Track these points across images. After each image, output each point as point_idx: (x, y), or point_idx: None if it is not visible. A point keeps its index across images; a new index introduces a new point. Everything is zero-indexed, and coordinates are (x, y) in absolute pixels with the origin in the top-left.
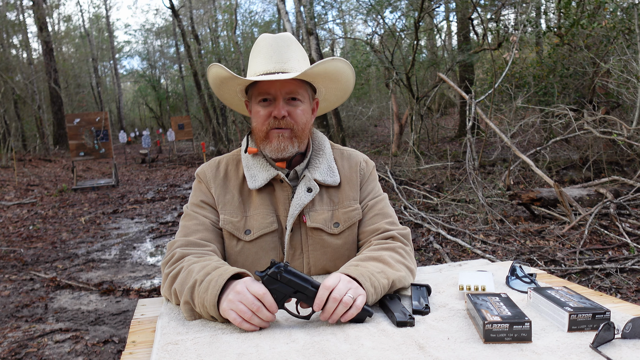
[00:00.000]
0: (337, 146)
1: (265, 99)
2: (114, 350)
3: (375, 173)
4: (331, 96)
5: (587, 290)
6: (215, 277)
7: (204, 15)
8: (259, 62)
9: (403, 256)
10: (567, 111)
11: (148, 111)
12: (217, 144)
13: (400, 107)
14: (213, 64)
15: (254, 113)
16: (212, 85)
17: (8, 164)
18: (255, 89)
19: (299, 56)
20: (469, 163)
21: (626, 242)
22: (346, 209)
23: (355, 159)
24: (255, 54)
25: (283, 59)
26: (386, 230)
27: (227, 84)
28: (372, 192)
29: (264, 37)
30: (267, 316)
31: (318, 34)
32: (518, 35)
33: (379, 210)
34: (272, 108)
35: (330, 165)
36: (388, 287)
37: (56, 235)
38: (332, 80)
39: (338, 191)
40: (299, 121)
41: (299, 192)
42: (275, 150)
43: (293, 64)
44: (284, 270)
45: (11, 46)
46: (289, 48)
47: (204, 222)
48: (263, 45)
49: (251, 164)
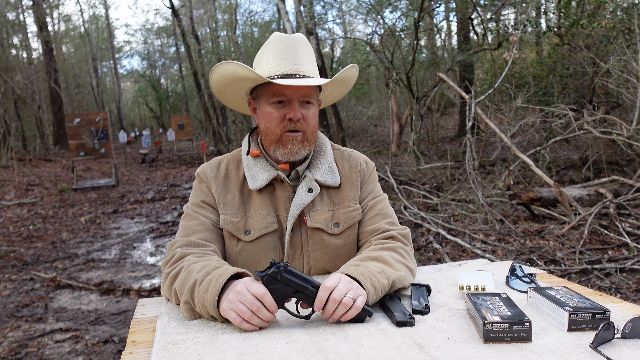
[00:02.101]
0: (338, 147)
1: (280, 100)
2: (114, 350)
3: (375, 174)
4: (330, 97)
5: (587, 290)
6: (215, 277)
7: (204, 15)
8: (274, 61)
9: (403, 256)
10: (567, 111)
11: (148, 111)
12: (217, 143)
13: (400, 107)
14: (229, 61)
15: (265, 114)
16: (221, 83)
17: (8, 164)
18: (269, 89)
19: (312, 58)
20: (469, 163)
21: (626, 242)
22: (346, 209)
23: (356, 159)
24: (270, 52)
25: (299, 61)
26: (386, 230)
27: (239, 82)
28: (372, 192)
29: (279, 37)
30: (267, 316)
31: (318, 33)
32: (518, 35)
33: (379, 210)
34: (287, 110)
35: (331, 166)
36: (388, 287)
37: (56, 235)
38: (343, 85)
39: (338, 191)
40: (311, 124)
41: (299, 192)
42: (289, 154)
43: (308, 67)
44: (284, 270)
45: (11, 46)
46: (304, 50)
47: (205, 222)
48: (279, 44)
49: (252, 164)
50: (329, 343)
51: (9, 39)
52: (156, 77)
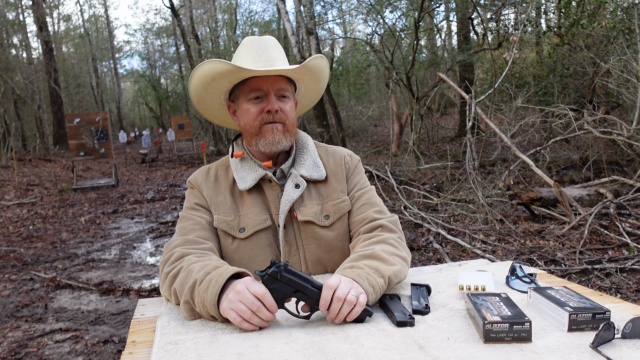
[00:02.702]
0: (321, 144)
1: (257, 96)
2: (114, 350)
3: (361, 166)
4: (306, 98)
5: (587, 290)
6: (215, 276)
7: (204, 15)
8: (248, 60)
9: (395, 246)
10: (567, 111)
11: (148, 111)
12: (217, 143)
13: (400, 107)
14: (206, 60)
15: (243, 111)
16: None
17: (8, 164)
18: (246, 86)
19: (283, 57)
20: (469, 163)
21: (626, 242)
22: (335, 201)
23: (340, 153)
24: (243, 53)
25: (271, 58)
26: (374, 220)
27: (217, 82)
28: (358, 183)
29: (250, 39)
30: (267, 316)
31: (318, 33)
32: (518, 35)
33: (366, 200)
34: (264, 104)
35: (315, 160)
36: (385, 285)
37: (56, 235)
38: (316, 80)
39: (325, 185)
40: (290, 116)
41: (287, 189)
42: (270, 143)
43: (280, 64)
44: (284, 269)
45: (11, 46)
46: (275, 49)
47: (200, 221)
48: (251, 46)
49: (239, 166)
50: (329, 343)
51: (9, 39)
52: (156, 77)
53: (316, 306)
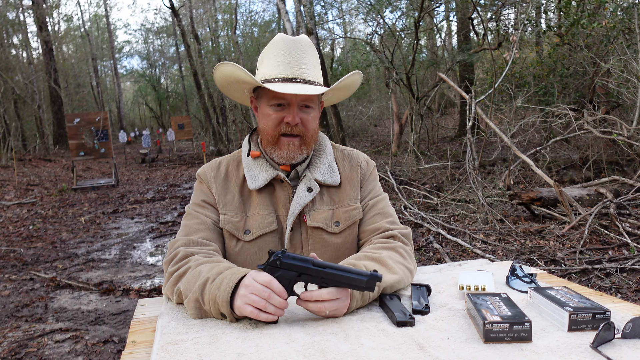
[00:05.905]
0: (338, 146)
1: (279, 103)
2: (114, 350)
3: (376, 173)
4: (332, 99)
5: (587, 290)
6: (228, 275)
7: (204, 15)
8: (275, 64)
9: (403, 256)
10: (567, 111)
11: (148, 111)
12: (217, 143)
13: (400, 106)
14: (229, 62)
15: (263, 115)
16: (223, 81)
17: (8, 164)
18: (269, 91)
19: (315, 62)
20: (469, 163)
21: (626, 242)
22: (346, 208)
23: (356, 158)
24: (272, 54)
25: (301, 65)
26: (387, 230)
27: (239, 83)
28: (372, 191)
29: (283, 38)
30: (279, 302)
31: (318, 33)
32: (518, 34)
33: (379, 209)
34: (285, 113)
35: (331, 165)
36: (377, 295)
37: (56, 235)
38: (345, 90)
39: (338, 190)
40: (310, 128)
41: (299, 192)
42: (285, 158)
43: (310, 70)
44: (282, 256)
45: (11, 46)
46: (307, 53)
47: (206, 221)
48: (282, 47)
49: (252, 165)
50: (329, 343)
51: (9, 39)
52: (156, 77)
53: (325, 284)
